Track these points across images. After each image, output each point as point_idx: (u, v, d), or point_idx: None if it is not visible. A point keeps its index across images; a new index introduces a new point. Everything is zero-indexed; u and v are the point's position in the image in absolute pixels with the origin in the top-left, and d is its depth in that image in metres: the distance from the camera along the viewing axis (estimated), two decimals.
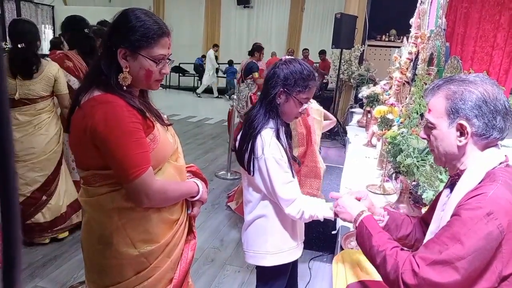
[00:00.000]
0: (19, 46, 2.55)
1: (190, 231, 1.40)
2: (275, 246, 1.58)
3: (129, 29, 1.13)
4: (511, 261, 0.93)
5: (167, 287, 1.29)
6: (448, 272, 0.92)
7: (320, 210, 1.50)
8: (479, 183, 1.00)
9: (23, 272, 2.47)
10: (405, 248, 1.10)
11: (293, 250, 1.62)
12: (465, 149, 1.05)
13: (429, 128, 1.11)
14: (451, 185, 1.14)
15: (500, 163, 1.03)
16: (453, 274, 0.92)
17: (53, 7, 12.09)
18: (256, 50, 5.46)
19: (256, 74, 4.74)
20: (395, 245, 1.09)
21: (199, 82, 12.72)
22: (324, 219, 1.52)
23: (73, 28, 2.86)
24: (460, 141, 1.04)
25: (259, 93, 3.68)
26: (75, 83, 2.82)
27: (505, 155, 1.06)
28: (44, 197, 2.72)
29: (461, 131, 1.04)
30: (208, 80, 11.70)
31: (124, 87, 1.15)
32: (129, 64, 1.15)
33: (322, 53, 9.51)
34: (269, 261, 1.59)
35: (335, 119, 3.12)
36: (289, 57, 1.54)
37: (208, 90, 12.13)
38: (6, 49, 9.64)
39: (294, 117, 1.56)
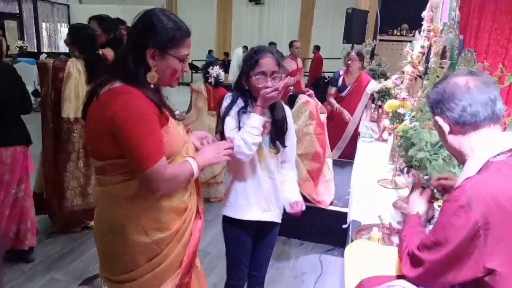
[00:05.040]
0: (97, 52, 2.72)
1: (196, 212, 1.42)
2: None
3: (160, 30, 1.18)
4: (495, 254, 0.94)
5: (177, 270, 1.32)
6: (432, 253, 1.04)
7: (251, 123, 1.55)
8: (477, 173, 1.03)
9: (40, 265, 2.54)
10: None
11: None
12: (455, 141, 1.11)
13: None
14: None
15: (501, 153, 1.03)
16: (435, 255, 1.03)
17: (68, 6, 12.27)
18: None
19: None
20: (415, 231, 1.21)
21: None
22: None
23: (115, 31, 2.91)
24: (445, 135, 1.12)
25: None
26: None
27: None
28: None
29: (441, 126, 1.11)
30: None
31: (152, 85, 1.21)
32: (157, 63, 1.21)
33: (316, 48, 9.43)
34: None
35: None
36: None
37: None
38: (24, 48, 9.69)
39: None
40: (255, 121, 1.55)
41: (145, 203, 1.22)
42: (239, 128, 1.59)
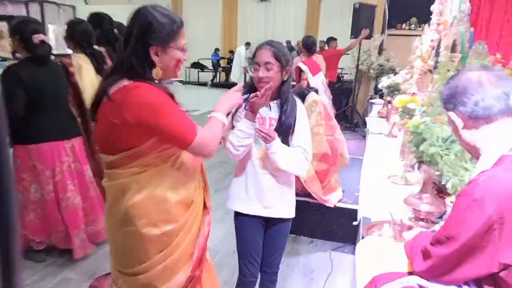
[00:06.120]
0: (95, 47, 2.76)
1: (204, 207, 1.46)
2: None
3: (159, 27, 1.22)
4: (510, 248, 0.93)
5: (188, 262, 1.36)
6: (444, 247, 1.03)
7: (239, 126, 1.60)
8: (492, 167, 1.02)
9: (53, 264, 2.57)
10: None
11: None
12: (469, 136, 1.10)
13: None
14: None
15: None
16: (447, 249, 1.02)
17: (74, 7, 12.35)
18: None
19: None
20: (422, 236, 1.21)
21: (216, 78, 12.77)
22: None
23: (103, 27, 2.92)
24: (458, 131, 1.11)
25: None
26: None
27: None
28: None
29: (454, 121, 1.11)
30: (239, 77, 11.52)
31: (156, 81, 1.27)
32: (160, 58, 1.25)
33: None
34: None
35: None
36: None
37: (225, 85, 12.14)
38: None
39: None
40: (243, 125, 1.59)
41: (154, 196, 1.27)
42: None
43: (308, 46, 4.58)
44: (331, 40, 6.38)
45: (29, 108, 2.34)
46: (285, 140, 1.67)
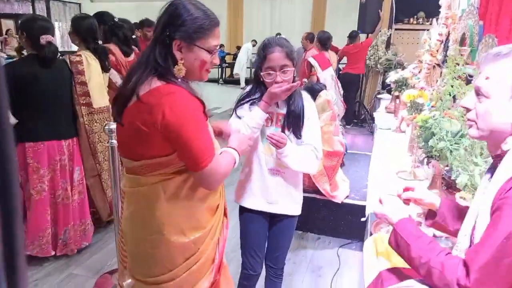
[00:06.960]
0: (99, 42, 2.75)
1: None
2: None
3: (185, 21, 1.13)
4: None
5: (210, 267, 1.32)
6: (496, 272, 0.88)
7: (251, 115, 1.57)
8: None
9: (59, 260, 2.58)
10: (451, 251, 1.04)
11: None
12: None
13: (479, 96, 1.02)
14: (492, 168, 1.06)
15: None
16: (502, 272, 0.87)
17: (80, 4, 12.41)
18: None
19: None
20: (437, 252, 1.02)
21: (223, 73, 12.75)
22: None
23: (105, 22, 2.94)
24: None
25: None
26: (116, 76, 2.91)
27: None
28: None
29: None
30: (244, 72, 11.46)
31: (179, 79, 1.16)
32: (184, 55, 1.16)
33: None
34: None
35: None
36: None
37: (231, 81, 12.13)
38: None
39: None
40: (255, 114, 1.56)
41: (181, 203, 1.21)
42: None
43: (323, 41, 4.65)
44: (358, 34, 6.22)
45: (27, 106, 2.31)
46: (296, 132, 1.64)
